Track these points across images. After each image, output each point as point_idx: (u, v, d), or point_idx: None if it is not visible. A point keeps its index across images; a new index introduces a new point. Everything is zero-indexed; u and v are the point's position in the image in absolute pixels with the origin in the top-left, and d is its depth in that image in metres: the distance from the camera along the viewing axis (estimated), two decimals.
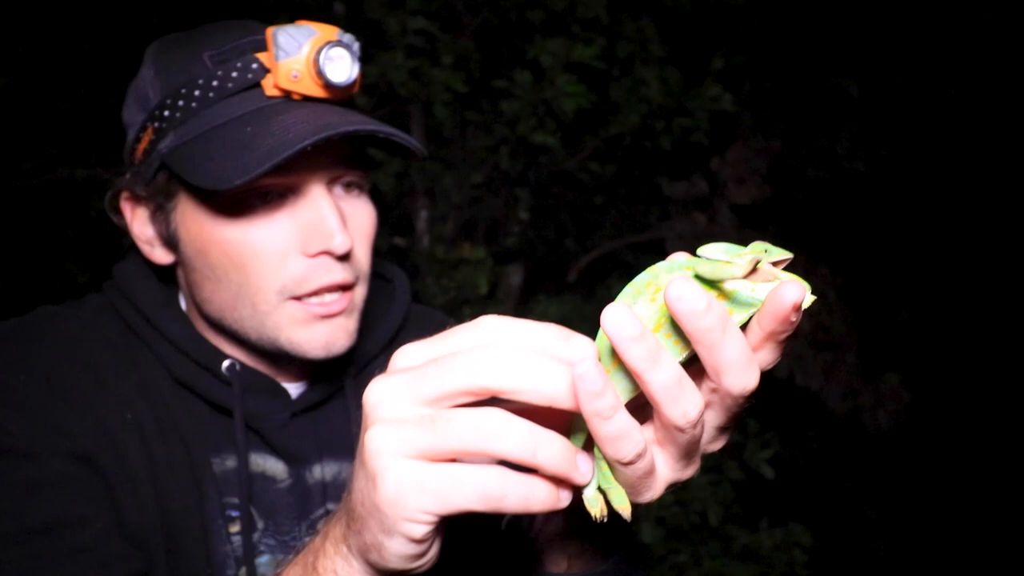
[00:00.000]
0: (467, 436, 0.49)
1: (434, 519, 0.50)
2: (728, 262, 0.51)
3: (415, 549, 0.52)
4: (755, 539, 3.29)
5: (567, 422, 0.54)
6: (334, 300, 0.86)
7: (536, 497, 0.51)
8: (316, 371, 0.94)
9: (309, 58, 0.83)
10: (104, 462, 0.80)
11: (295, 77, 0.83)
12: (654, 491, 0.53)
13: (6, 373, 0.82)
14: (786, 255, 0.52)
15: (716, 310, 0.47)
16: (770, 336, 0.50)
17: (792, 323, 0.49)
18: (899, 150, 3.58)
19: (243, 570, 0.86)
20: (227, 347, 0.91)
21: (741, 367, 0.48)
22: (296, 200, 0.85)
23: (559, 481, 0.51)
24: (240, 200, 0.83)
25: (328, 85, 0.84)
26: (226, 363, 0.88)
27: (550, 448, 0.49)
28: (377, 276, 0.99)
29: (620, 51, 2.97)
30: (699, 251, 0.54)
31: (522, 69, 2.86)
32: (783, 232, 3.17)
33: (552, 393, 0.48)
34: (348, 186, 0.89)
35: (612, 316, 0.46)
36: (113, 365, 0.86)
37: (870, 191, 3.62)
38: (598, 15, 2.86)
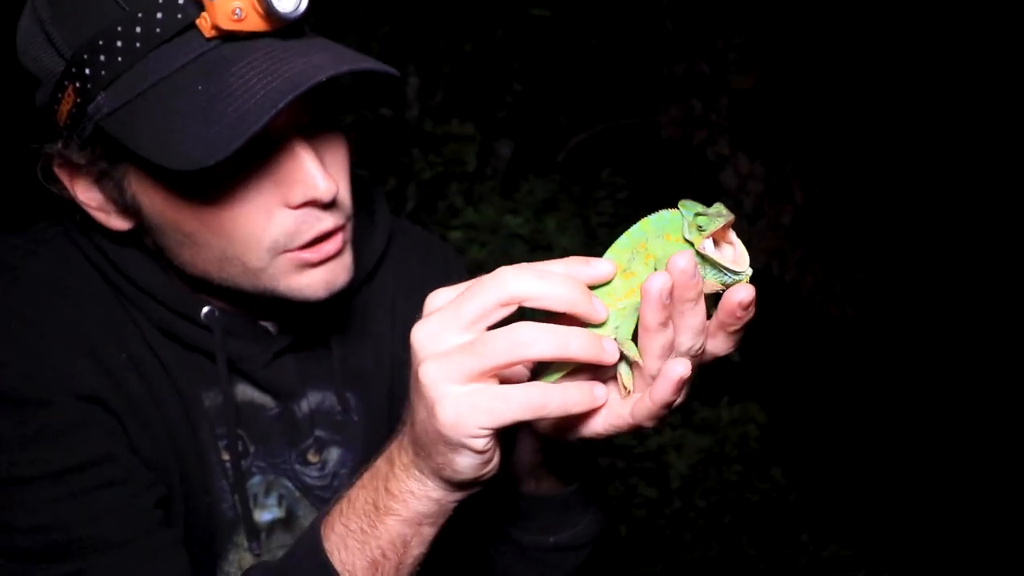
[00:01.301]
0: (505, 349, 0.57)
1: (491, 432, 0.59)
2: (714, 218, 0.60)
3: (481, 459, 0.61)
4: (714, 413, 3.52)
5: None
6: (328, 243, 0.82)
7: (572, 398, 0.60)
8: (299, 306, 0.90)
9: None
10: (110, 400, 0.80)
11: (238, 16, 0.70)
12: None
13: None
14: (718, 223, 0.61)
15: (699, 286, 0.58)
16: (721, 327, 0.61)
17: (739, 318, 0.59)
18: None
19: (236, 497, 0.89)
20: (206, 295, 0.87)
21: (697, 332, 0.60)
22: (269, 151, 0.77)
23: (589, 382, 0.61)
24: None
25: (276, 18, 0.71)
26: (205, 310, 0.86)
27: (578, 339, 0.58)
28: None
29: None
30: (680, 204, 0.62)
31: None
32: (777, 127, 3.12)
33: (570, 298, 0.59)
34: (318, 121, 0.81)
35: (681, 260, 0.57)
36: (98, 307, 0.83)
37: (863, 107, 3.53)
38: None
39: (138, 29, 0.71)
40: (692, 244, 0.61)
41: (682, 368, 0.58)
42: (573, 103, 3.26)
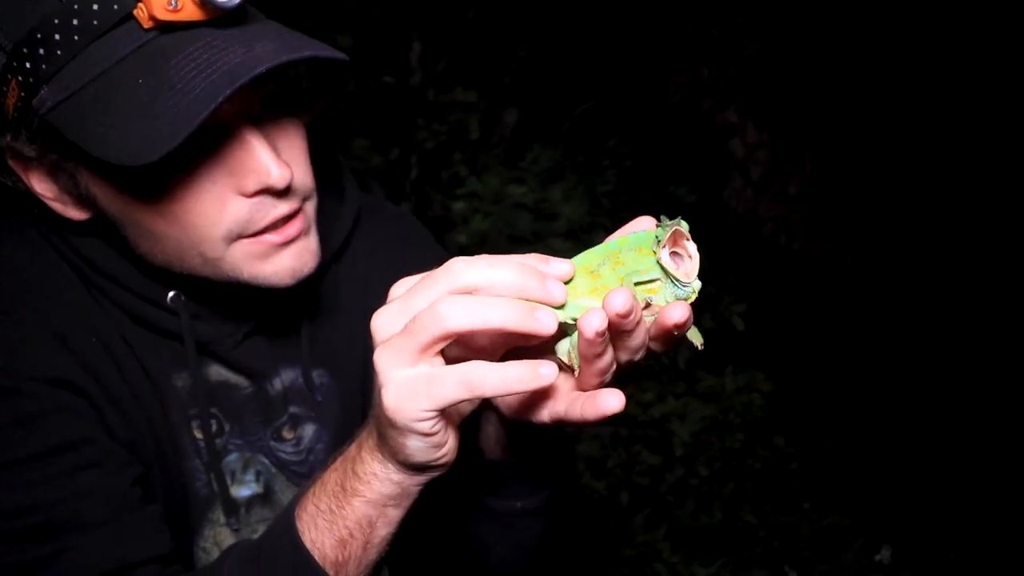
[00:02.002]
0: (430, 324, 0.58)
1: (433, 414, 0.60)
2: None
3: (429, 442, 0.62)
4: (718, 382, 3.53)
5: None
6: (288, 225, 0.81)
7: (513, 375, 0.59)
8: (266, 293, 0.89)
9: None
10: (82, 383, 0.81)
11: (174, 7, 0.69)
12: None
13: None
14: (677, 226, 0.62)
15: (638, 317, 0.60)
16: (656, 339, 0.64)
17: (674, 337, 0.62)
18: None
19: (212, 475, 0.90)
20: (170, 280, 0.87)
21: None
22: (217, 138, 0.76)
23: (535, 360, 0.60)
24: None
25: (213, 6, 0.70)
26: (171, 294, 0.86)
27: (500, 308, 0.58)
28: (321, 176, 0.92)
29: None
30: (660, 220, 0.64)
31: None
32: (786, 96, 3.06)
33: (520, 282, 0.60)
34: (267, 105, 0.79)
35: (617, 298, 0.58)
36: (67, 292, 0.84)
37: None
38: None
39: (75, 21, 0.70)
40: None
41: (615, 402, 0.60)
42: (579, 70, 3.21)
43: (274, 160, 0.77)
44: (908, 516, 3.10)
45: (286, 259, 0.83)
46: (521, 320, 0.58)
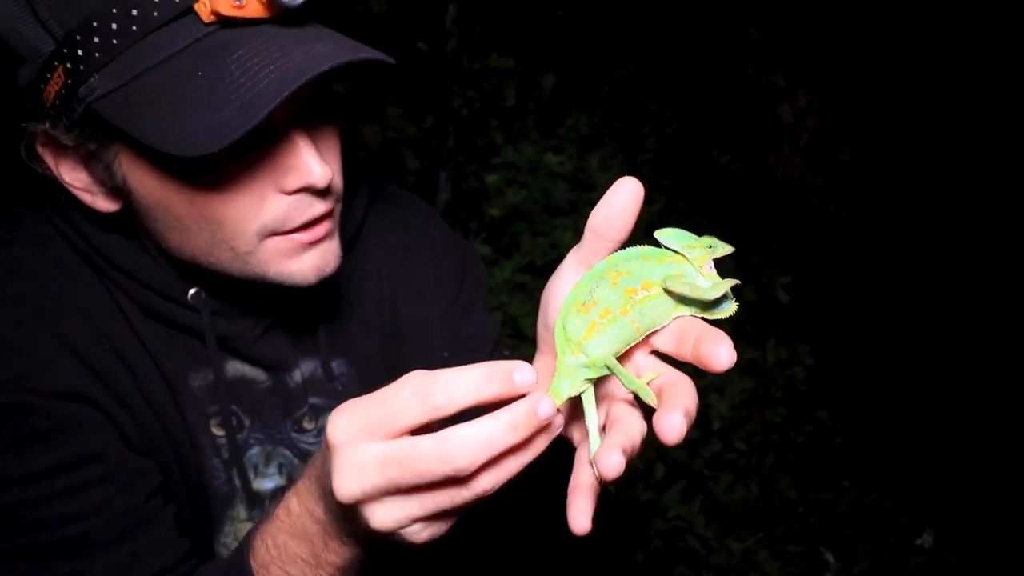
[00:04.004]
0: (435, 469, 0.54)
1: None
2: (688, 260, 0.60)
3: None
4: (760, 355, 3.45)
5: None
6: (319, 226, 0.83)
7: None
8: (286, 291, 0.90)
9: None
10: (94, 394, 0.81)
11: (240, 3, 0.70)
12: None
13: None
14: (728, 250, 0.60)
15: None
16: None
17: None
18: None
19: (233, 471, 0.90)
20: (193, 282, 0.87)
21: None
22: (266, 138, 0.77)
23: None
24: None
25: (277, 3, 0.71)
26: (192, 291, 0.86)
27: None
28: None
29: None
30: (656, 234, 0.61)
31: None
32: (838, 60, 2.89)
33: (490, 391, 0.55)
34: (311, 106, 0.81)
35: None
36: (79, 297, 0.83)
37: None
38: None
39: (135, 11, 0.70)
40: (686, 259, 0.61)
41: (615, 461, 0.56)
42: (619, 32, 3.09)
43: (317, 160, 0.78)
44: (953, 500, 3.01)
45: (312, 258, 0.84)
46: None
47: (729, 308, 0.60)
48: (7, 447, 0.77)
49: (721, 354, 0.56)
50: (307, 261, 0.84)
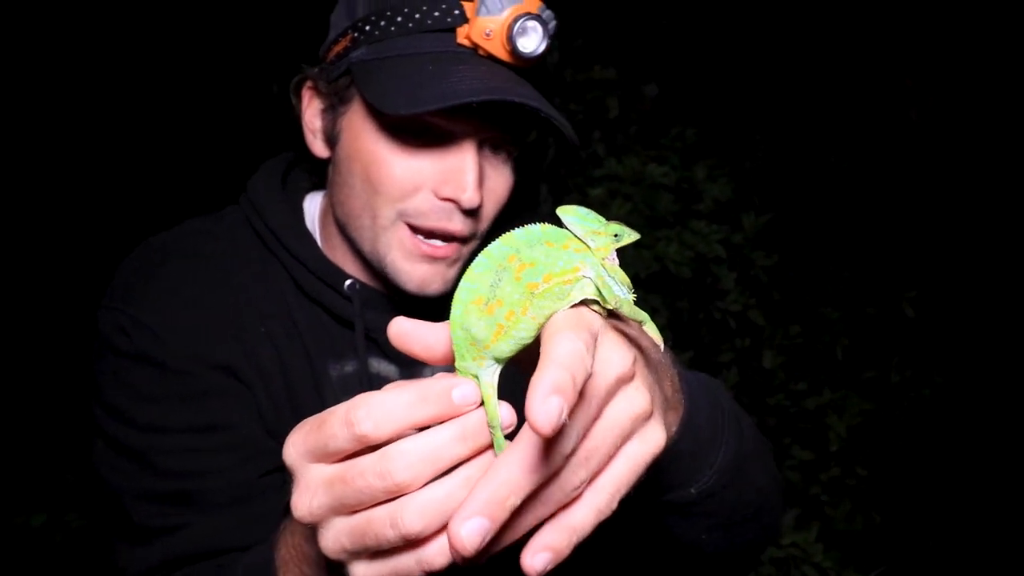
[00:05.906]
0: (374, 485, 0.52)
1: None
2: (595, 233, 0.56)
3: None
4: (881, 375, 3.23)
5: None
6: (444, 246, 0.95)
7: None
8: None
9: (506, 22, 0.88)
10: (243, 371, 0.94)
11: (488, 35, 0.89)
12: None
13: (163, 291, 0.95)
14: (635, 237, 0.57)
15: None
16: None
17: None
18: None
19: None
20: (349, 266, 1.02)
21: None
22: (447, 145, 0.92)
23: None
24: (402, 127, 0.92)
25: (514, 52, 0.89)
26: (348, 282, 0.99)
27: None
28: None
29: None
30: (559, 211, 0.57)
31: None
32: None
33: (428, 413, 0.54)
34: (496, 149, 0.96)
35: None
36: (250, 282, 0.98)
37: None
38: None
39: (417, 16, 0.91)
40: (589, 248, 0.56)
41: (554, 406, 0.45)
42: (724, 40, 3.00)
43: (475, 184, 0.92)
44: None
45: (423, 271, 0.95)
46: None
47: (628, 296, 0.55)
48: (157, 399, 0.90)
49: (536, 413, 0.43)
50: (417, 270, 0.95)
